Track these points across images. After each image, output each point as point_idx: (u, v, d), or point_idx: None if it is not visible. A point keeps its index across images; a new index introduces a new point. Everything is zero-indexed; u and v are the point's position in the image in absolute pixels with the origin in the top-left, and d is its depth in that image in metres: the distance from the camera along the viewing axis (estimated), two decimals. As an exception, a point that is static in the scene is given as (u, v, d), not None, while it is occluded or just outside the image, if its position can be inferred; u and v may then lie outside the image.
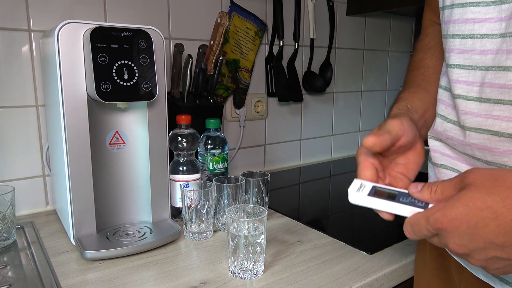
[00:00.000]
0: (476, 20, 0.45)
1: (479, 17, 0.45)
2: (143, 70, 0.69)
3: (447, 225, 0.39)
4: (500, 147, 0.44)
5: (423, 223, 0.42)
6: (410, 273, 0.72)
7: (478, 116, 0.46)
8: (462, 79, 0.48)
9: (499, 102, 0.44)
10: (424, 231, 0.42)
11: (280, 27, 1.24)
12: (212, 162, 0.93)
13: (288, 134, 1.37)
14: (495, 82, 0.44)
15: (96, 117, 0.73)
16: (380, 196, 0.47)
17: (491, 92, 0.44)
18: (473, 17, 0.45)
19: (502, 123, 0.44)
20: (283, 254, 0.72)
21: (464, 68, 0.47)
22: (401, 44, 1.68)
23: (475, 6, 0.45)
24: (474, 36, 0.46)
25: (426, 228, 0.41)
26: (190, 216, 0.77)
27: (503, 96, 0.43)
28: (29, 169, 0.91)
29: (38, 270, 0.66)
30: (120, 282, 0.62)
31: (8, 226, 0.73)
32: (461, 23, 0.47)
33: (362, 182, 0.50)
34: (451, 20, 0.49)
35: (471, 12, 0.45)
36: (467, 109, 0.47)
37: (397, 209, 0.46)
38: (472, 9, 0.45)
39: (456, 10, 0.48)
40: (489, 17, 0.44)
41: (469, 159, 0.49)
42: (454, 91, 0.49)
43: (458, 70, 0.48)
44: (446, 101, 0.53)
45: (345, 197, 0.51)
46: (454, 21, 0.48)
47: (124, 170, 0.78)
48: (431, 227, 0.41)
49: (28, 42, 0.87)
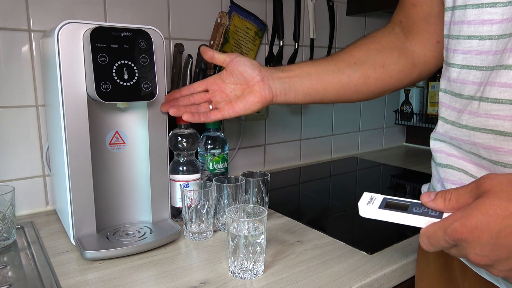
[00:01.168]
0: (493, 21, 0.45)
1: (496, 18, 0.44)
2: (143, 70, 0.70)
3: (467, 235, 0.38)
4: (505, 147, 0.44)
5: (440, 234, 0.40)
6: (410, 273, 0.72)
7: (478, 116, 0.46)
8: (469, 79, 0.48)
9: (497, 102, 0.44)
10: (442, 242, 0.40)
11: (280, 27, 1.24)
12: (212, 162, 0.93)
13: (288, 134, 1.37)
14: (495, 81, 0.44)
15: (96, 117, 0.73)
16: (392, 208, 0.46)
17: (491, 91, 0.44)
18: (491, 18, 0.45)
19: (505, 123, 0.44)
20: (283, 254, 0.72)
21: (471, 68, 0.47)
22: (401, 44, 1.67)
23: (492, 7, 0.45)
24: (492, 37, 0.45)
25: (444, 240, 0.40)
26: (190, 216, 0.77)
27: (502, 95, 0.43)
28: (29, 169, 0.91)
29: (38, 270, 0.66)
30: (120, 282, 0.62)
31: (8, 226, 0.73)
32: (477, 24, 0.46)
33: (372, 195, 0.49)
34: (464, 21, 0.48)
35: (488, 13, 0.45)
36: (472, 109, 0.47)
37: (411, 221, 0.44)
38: (489, 10, 0.45)
39: (470, 11, 0.47)
40: (506, 18, 0.44)
41: (476, 158, 0.49)
42: (460, 91, 0.49)
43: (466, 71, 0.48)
44: (447, 103, 0.53)
45: (345, 197, 0.51)
46: (469, 22, 0.47)
47: (124, 170, 0.78)
48: (449, 238, 0.39)
49: (28, 42, 0.87)
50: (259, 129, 1.29)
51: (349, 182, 1.26)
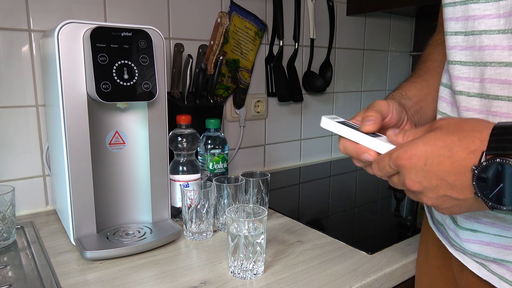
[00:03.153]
0: (476, 17, 0.46)
1: (479, 14, 0.45)
2: (143, 70, 0.70)
3: (406, 161, 0.42)
4: None
5: (386, 160, 0.44)
6: (410, 273, 0.72)
7: (480, 113, 0.46)
8: (463, 75, 0.48)
9: (497, 98, 0.44)
10: (387, 167, 0.44)
11: (280, 27, 1.24)
12: (212, 162, 0.93)
13: (288, 134, 1.37)
14: (497, 78, 0.44)
15: (96, 117, 0.73)
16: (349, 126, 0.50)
17: (491, 88, 0.45)
18: (474, 14, 0.46)
19: (502, 120, 0.44)
20: (283, 254, 0.72)
21: (465, 64, 0.48)
22: (401, 44, 1.68)
23: (475, 3, 0.45)
24: (474, 33, 0.46)
25: (389, 165, 0.44)
26: (190, 216, 0.77)
27: (503, 92, 0.44)
28: (29, 169, 0.91)
29: (38, 270, 0.66)
30: (120, 282, 0.62)
31: (8, 226, 0.73)
32: (463, 20, 0.47)
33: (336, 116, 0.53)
34: (453, 17, 0.49)
35: (472, 10, 0.46)
36: (469, 105, 0.48)
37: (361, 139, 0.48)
38: (473, 6, 0.46)
39: (458, 7, 0.48)
40: (488, 13, 0.44)
41: None
42: (455, 87, 0.49)
43: (459, 67, 0.49)
44: (447, 99, 0.54)
45: (345, 197, 0.52)
46: (457, 19, 0.48)
47: (124, 170, 0.78)
48: (393, 163, 0.43)
49: (28, 42, 0.87)
50: (259, 129, 1.29)
51: (349, 182, 1.26)
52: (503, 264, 0.48)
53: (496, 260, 0.49)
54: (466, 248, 0.52)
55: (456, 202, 0.41)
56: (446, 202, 0.41)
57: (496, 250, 0.48)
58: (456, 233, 0.53)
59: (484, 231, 0.49)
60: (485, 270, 0.50)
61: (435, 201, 0.42)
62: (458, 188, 0.39)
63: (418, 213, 0.92)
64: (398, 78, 1.70)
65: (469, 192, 0.39)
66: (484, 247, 0.49)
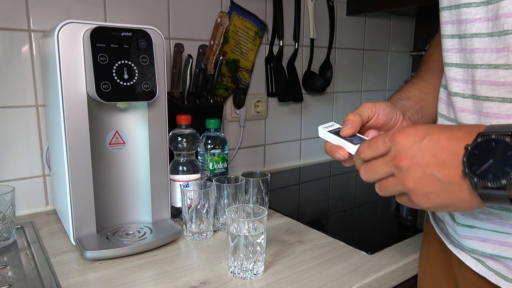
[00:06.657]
0: (468, 21, 0.47)
1: (470, 18, 0.47)
2: (143, 70, 0.70)
3: (404, 135, 0.43)
4: None
5: (381, 138, 0.45)
6: (410, 273, 0.72)
7: (473, 114, 0.48)
8: (458, 77, 0.50)
9: (488, 99, 0.46)
10: (380, 143, 0.45)
11: (280, 27, 1.24)
12: (212, 162, 0.93)
13: (288, 134, 1.37)
14: (487, 80, 0.46)
15: (96, 117, 0.73)
16: (336, 134, 0.55)
17: (481, 89, 0.46)
18: (466, 18, 0.47)
19: (492, 120, 0.45)
20: (283, 254, 0.72)
21: (460, 66, 0.49)
22: (401, 44, 1.68)
23: (467, 7, 0.47)
24: (466, 36, 0.47)
25: (383, 141, 0.45)
26: (190, 216, 0.77)
27: (492, 93, 0.45)
28: (29, 169, 0.91)
29: (38, 270, 0.66)
30: (120, 282, 0.62)
31: (8, 226, 0.73)
32: (457, 24, 0.49)
33: (333, 123, 0.59)
34: (449, 21, 0.50)
35: (464, 13, 0.47)
36: (464, 106, 0.49)
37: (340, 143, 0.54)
38: (465, 10, 0.47)
39: (453, 11, 0.49)
40: (478, 17, 0.46)
41: None
42: (451, 89, 0.51)
43: (455, 69, 0.50)
44: (445, 100, 0.55)
45: (345, 197, 0.52)
46: (453, 22, 0.50)
47: (124, 170, 0.78)
48: (388, 138, 0.44)
49: (28, 42, 0.87)
50: (259, 129, 1.29)
51: (349, 182, 1.26)
52: (500, 260, 0.49)
53: (493, 256, 0.49)
54: (464, 245, 0.53)
55: (437, 186, 0.40)
56: (428, 185, 0.41)
57: (492, 246, 0.49)
58: (454, 230, 0.54)
59: (480, 227, 0.50)
60: (482, 266, 0.51)
61: (418, 181, 0.41)
62: (446, 167, 0.39)
63: (418, 213, 0.92)
64: (398, 78, 1.70)
65: (456, 173, 0.39)
66: (481, 243, 0.50)
